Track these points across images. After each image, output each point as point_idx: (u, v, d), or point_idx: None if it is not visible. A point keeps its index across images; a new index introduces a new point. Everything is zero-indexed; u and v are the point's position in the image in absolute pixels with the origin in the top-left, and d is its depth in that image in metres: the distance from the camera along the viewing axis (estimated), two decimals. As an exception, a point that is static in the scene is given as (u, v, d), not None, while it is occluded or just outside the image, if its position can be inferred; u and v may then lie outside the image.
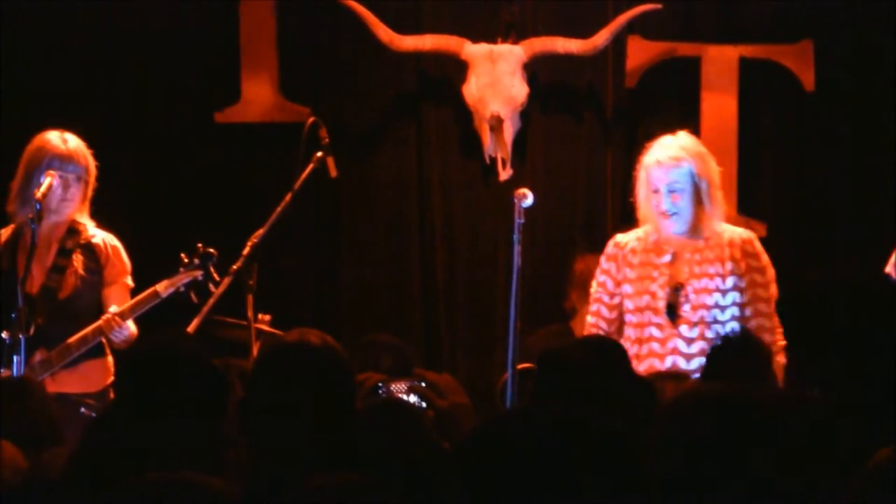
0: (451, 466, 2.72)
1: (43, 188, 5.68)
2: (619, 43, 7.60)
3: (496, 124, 7.35)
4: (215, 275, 5.74)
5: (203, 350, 3.56)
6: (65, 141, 5.87)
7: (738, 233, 5.66)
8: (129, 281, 5.93)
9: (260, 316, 6.06)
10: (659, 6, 7.48)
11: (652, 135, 7.72)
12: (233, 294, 5.71)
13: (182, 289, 5.75)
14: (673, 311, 5.48)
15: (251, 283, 5.64)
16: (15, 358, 5.40)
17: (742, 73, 7.60)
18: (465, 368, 7.46)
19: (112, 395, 5.83)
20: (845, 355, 3.61)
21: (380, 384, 3.86)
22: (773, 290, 5.67)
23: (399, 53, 7.58)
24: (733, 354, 4.44)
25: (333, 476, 2.59)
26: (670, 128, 7.72)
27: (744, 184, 7.66)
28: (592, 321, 5.72)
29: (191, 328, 5.60)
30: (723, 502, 2.49)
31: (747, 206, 7.66)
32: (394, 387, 3.67)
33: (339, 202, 7.71)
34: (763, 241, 7.62)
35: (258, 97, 7.74)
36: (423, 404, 3.70)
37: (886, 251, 6.45)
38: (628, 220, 7.62)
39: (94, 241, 5.89)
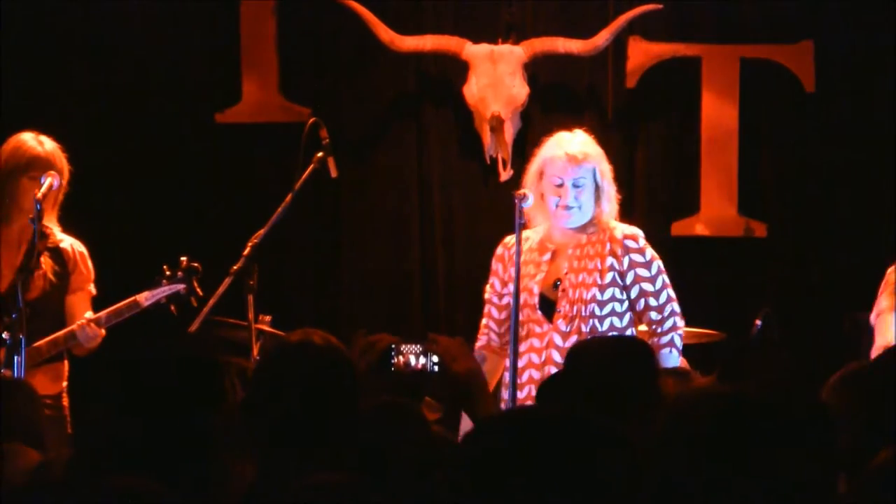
0: (453, 466, 2.72)
1: (43, 188, 5.66)
2: (619, 43, 7.60)
3: (497, 124, 7.36)
4: (198, 289, 5.72)
5: (202, 350, 3.56)
6: (41, 143, 5.82)
7: (622, 229, 5.63)
8: (92, 289, 5.90)
9: (261, 316, 6.06)
10: (659, 6, 7.48)
11: (652, 135, 7.78)
12: (233, 294, 5.71)
13: (164, 301, 5.72)
14: (548, 306, 5.48)
15: (252, 283, 5.64)
16: (16, 358, 5.40)
17: (742, 73, 7.60)
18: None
19: (66, 399, 5.84)
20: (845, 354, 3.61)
21: (392, 346, 3.85)
22: (662, 282, 5.59)
23: (400, 53, 7.58)
24: (750, 359, 4.42)
25: (331, 476, 2.59)
26: (670, 128, 7.77)
27: (744, 184, 7.66)
28: (484, 322, 5.73)
29: (191, 328, 5.60)
30: (723, 502, 2.49)
31: (747, 206, 7.66)
32: (404, 348, 3.66)
33: (339, 202, 7.72)
34: (763, 241, 7.68)
35: (258, 97, 7.74)
36: (436, 367, 3.70)
37: (886, 251, 6.44)
38: (629, 218, 7.65)
39: (62, 245, 5.86)
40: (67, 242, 5.88)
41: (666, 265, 5.63)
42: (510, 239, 5.70)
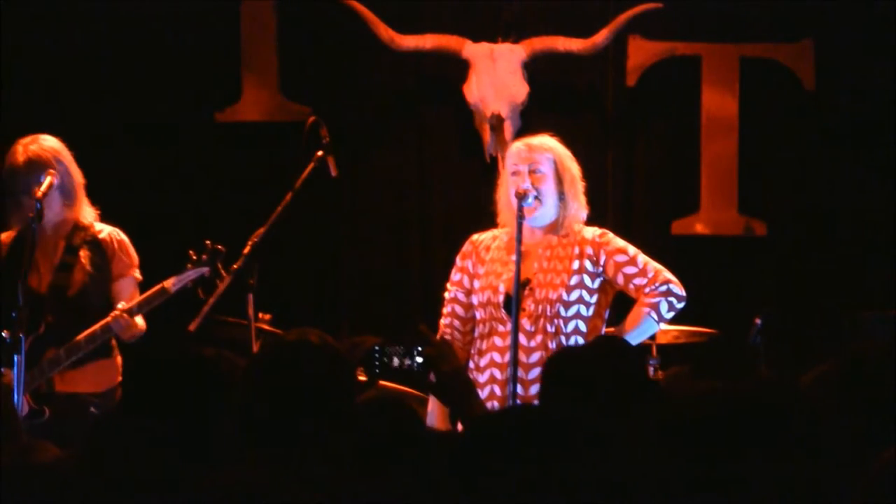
0: (448, 464, 2.72)
1: (43, 187, 5.67)
2: (619, 42, 7.61)
3: (497, 123, 7.37)
4: (223, 272, 5.74)
5: (202, 349, 3.56)
6: (25, 149, 5.78)
7: (591, 230, 5.56)
8: (138, 274, 5.92)
9: (260, 315, 6.06)
10: (659, 5, 7.49)
11: (652, 134, 7.78)
12: (233, 293, 5.72)
13: (190, 285, 5.75)
14: (515, 305, 5.40)
15: (252, 282, 5.64)
16: (16, 357, 5.40)
17: (742, 73, 7.60)
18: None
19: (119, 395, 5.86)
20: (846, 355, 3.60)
21: (376, 347, 3.86)
22: (644, 259, 5.47)
23: (400, 53, 7.59)
24: (720, 354, 4.41)
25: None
26: (670, 127, 7.78)
27: (744, 184, 7.67)
28: (447, 322, 5.64)
29: (191, 328, 5.60)
30: (721, 502, 2.50)
31: (747, 206, 7.67)
32: (389, 349, 3.64)
33: (339, 202, 7.72)
34: (763, 240, 7.68)
35: (258, 97, 7.75)
36: (421, 368, 3.68)
37: (886, 251, 6.46)
38: (629, 218, 7.66)
39: (100, 236, 5.89)
40: (106, 232, 5.91)
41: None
42: (478, 236, 5.69)
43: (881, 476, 2.59)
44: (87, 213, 5.91)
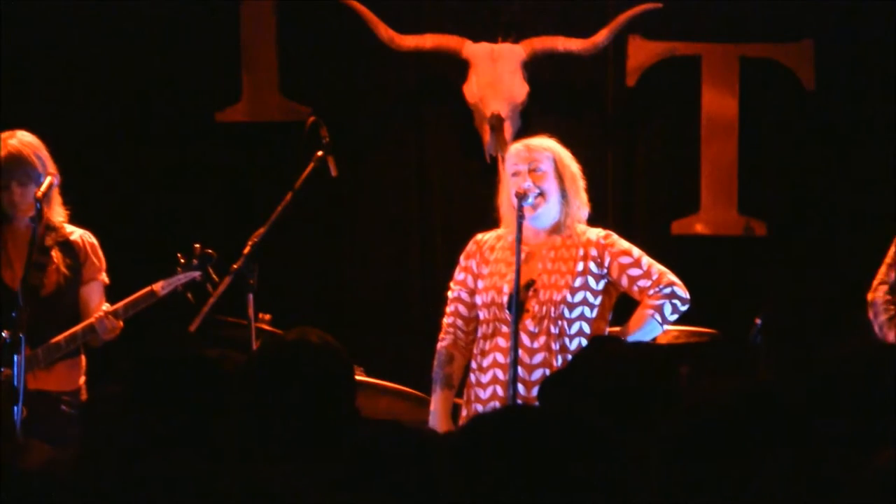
0: (448, 465, 2.72)
1: (43, 187, 5.67)
2: (619, 42, 7.61)
3: (497, 123, 7.37)
4: (214, 276, 5.73)
5: (204, 349, 3.57)
6: (5, 143, 5.80)
7: (595, 232, 5.55)
8: (105, 278, 5.92)
9: (260, 315, 6.06)
10: (659, 5, 7.49)
11: (652, 134, 7.78)
12: (233, 293, 5.72)
13: (181, 289, 5.75)
14: (516, 306, 5.40)
15: (252, 282, 5.64)
16: (15, 357, 5.40)
17: (742, 73, 7.61)
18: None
19: (85, 395, 5.86)
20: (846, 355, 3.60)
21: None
22: (648, 261, 5.47)
23: (400, 52, 7.59)
24: (720, 354, 4.40)
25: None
26: (670, 127, 7.78)
27: (744, 184, 7.67)
28: (450, 321, 5.63)
29: (192, 327, 5.61)
30: (723, 502, 2.49)
31: (747, 206, 7.67)
32: None
33: (339, 202, 7.72)
34: (763, 240, 7.68)
35: (258, 97, 7.75)
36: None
37: (886, 251, 6.44)
38: (629, 218, 7.66)
39: (72, 238, 5.88)
40: (77, 234, 5.90)
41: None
42: (482, 236, 5.67)
43: (879, 476, 2.60)
44: (58, 213, 5.89)
